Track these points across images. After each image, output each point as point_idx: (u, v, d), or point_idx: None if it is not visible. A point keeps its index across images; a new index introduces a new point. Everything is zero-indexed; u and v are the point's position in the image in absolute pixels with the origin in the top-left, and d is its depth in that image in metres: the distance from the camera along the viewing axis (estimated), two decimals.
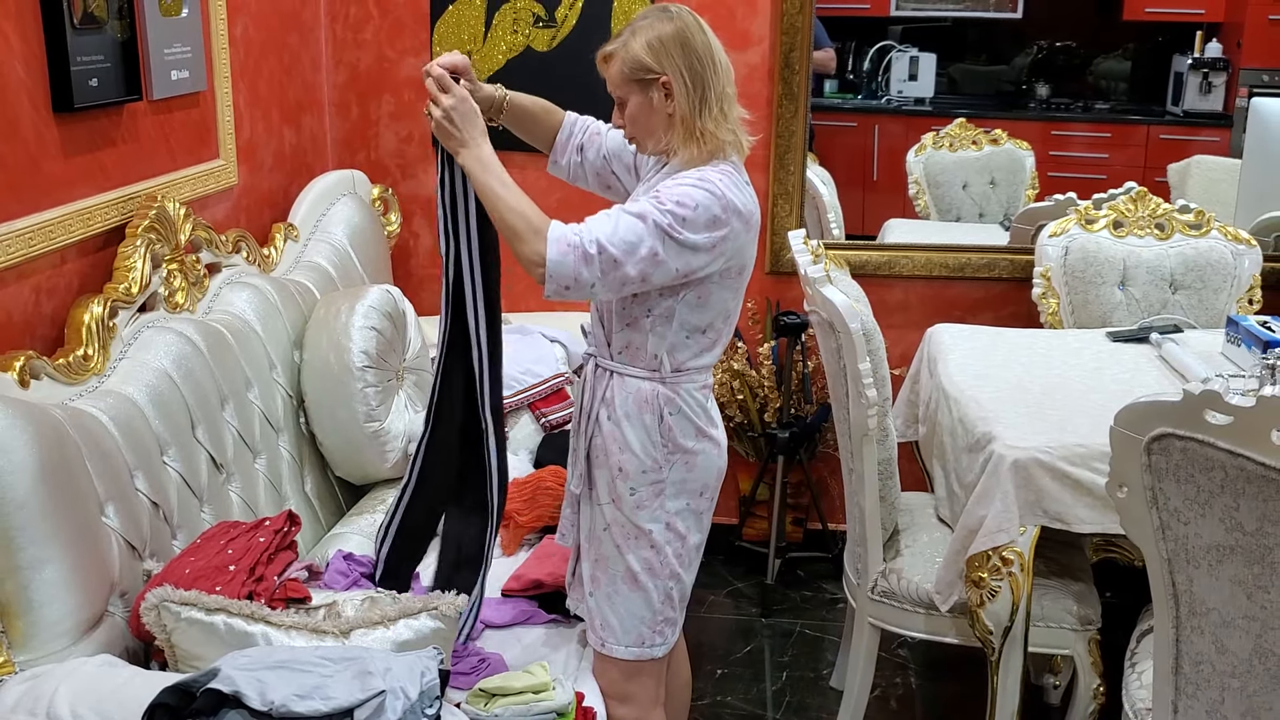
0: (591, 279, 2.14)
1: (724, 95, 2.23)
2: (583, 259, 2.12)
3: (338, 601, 2.18)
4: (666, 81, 2.21)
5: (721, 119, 2.22)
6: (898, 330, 3.87)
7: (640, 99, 2.24)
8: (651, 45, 2.21)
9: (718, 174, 2.20)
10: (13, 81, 2.31)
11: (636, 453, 2.34)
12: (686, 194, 2.15)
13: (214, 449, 2.62)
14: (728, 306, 2.33)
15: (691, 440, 2.35)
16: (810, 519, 4.15)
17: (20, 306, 2.37)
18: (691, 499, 2.38)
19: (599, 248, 2.12)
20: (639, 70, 2.22)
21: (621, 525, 2.36)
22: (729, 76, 2.26)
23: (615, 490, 2.36)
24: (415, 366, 3.22)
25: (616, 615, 2.39)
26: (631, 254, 2.13)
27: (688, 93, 2.20)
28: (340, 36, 3.93)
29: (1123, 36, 4.65)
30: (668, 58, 2.20)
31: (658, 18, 2.24)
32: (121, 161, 2.69)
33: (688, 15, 2.25)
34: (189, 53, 2.93)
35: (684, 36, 2.21)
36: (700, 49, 2.22)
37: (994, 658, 2.72)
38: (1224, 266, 3.56)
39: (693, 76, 2.20)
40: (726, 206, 2.18)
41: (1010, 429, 2.67)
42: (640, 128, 2.27)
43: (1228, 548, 1.90)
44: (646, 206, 2.15)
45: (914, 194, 4.46)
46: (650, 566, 2.37)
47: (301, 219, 3.44)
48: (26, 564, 2.01)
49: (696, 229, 2.15)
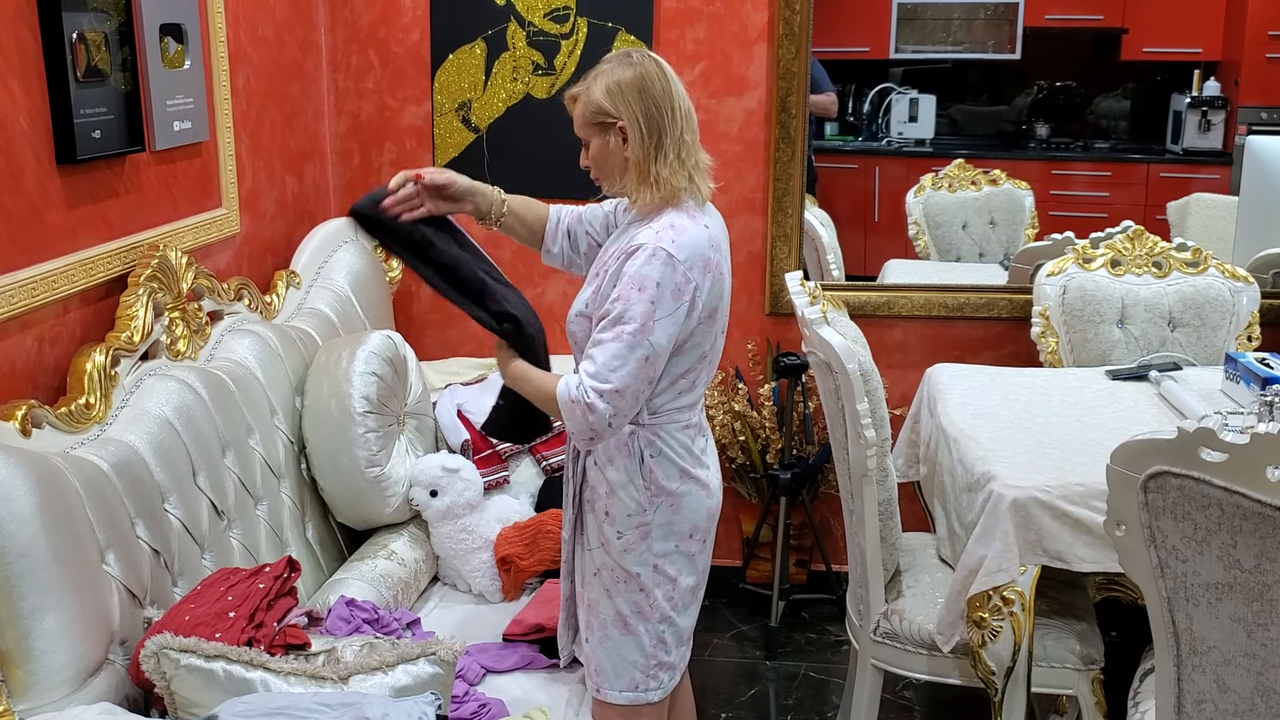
0: (606, 418, 2.22)
1: (681, 142, 2.28)
2: (586, 411, 2.21)
3: (337, 647, 2.18)
4: (623, 126, 2.27)
5: (677, 165, 2.28)
6: (898, 370, 3.88)
7: (600, 141, 2.31)
8: (610, 90, 2.27)
9: (671, 232, 2.24)
10: (17, 134, 2.34)
11: (620, 496, 2.35)
12: (644, 281, 2.20)
13: (215, 496, 2.63)
14: (704, 349, 2.35)
15: (675, 482, 2.36)
16: (814, 560, 4.14)
17: (23, 356, 2.39)
18: (680, 540, 2.38)
19: (597, 392, 2.20)
20: (598, 114, 2.29)
21: (610, 569, 2.37)
22: (690, 123, 2.30)
23: (603, 534, 2.37)
24: (416, 412, 3.23)
25: (609, 660, 2.39)
26: (626, 373, 2.20)
27: (643, 139, 2.26)
28: (342, 86, 3.97)
29: (1122, 76, 4.68)
30: (624, 103, 2.26)
31: (620, 63, 2.30)
32: (124, 211, 2.72)
33: (649, 62, 2.30)
34: (191, 104, 2.96)
35: (642, 83, 2.27)
36: (658, 95, 2.27)
37: (997, 698, 2.70)
38: (1222, 304, 3.57)
39: (648, 123, 2.26)
40: (687, 268, 2.22)
41: (1009, 468, 2.67)
42: (600, 169, 2.35)
43: (1226, 585, 1.89)
44: (619, 324, 2.21)
45: (914, 234, 4.48)
46: (640, 610, 2.37)
47: (303, 266, 3.46)
48: (27, 612, 2.01)
49: (666, 308, 2.21)
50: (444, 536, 3.07)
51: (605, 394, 2.20)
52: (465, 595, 3.10)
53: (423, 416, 3.27)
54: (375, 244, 2.67)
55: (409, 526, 3.14)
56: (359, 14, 3.92)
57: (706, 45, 3.84)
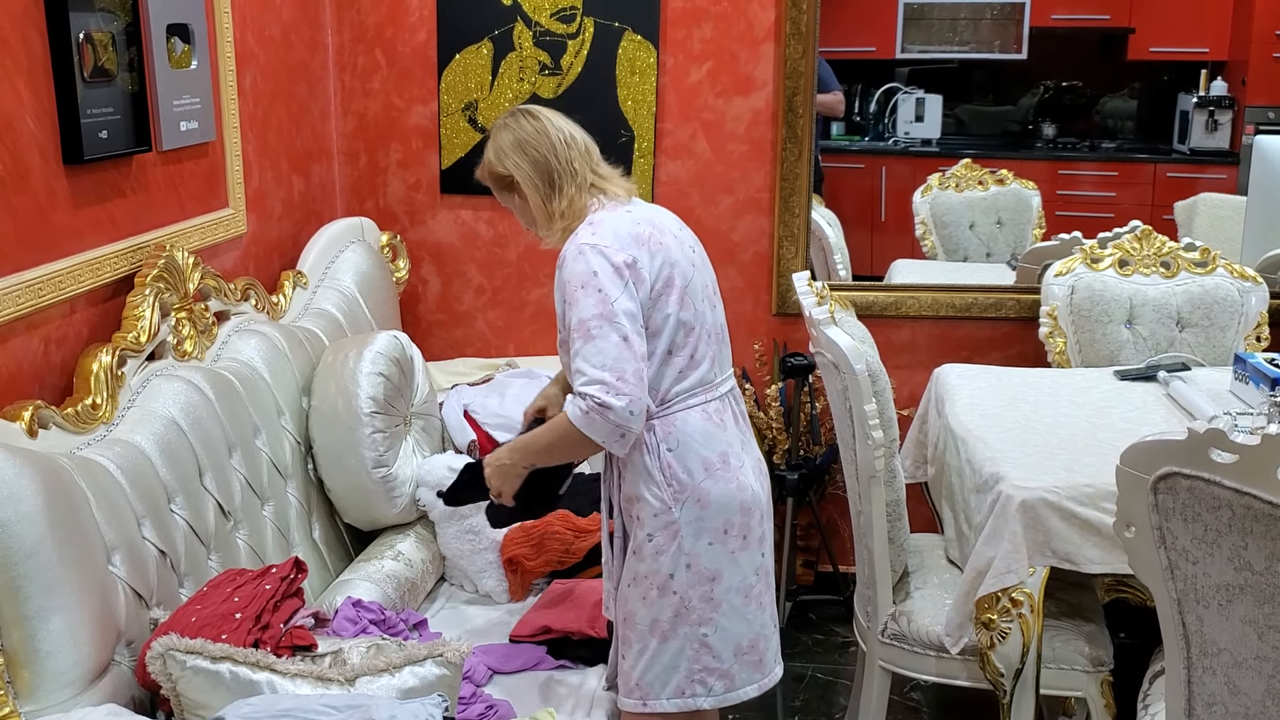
0: (625, 408, 2.25)
1: (570, 171, 2.44)
2: (603, 412, 2.24)
3: (343, 649, 2.18)
4: (517, 182, 2.46)
5: (575, 194, 2.43)
6: (905, 371, 3.87)
7: (514, 200, 2.51)
8: (499, 154, 2.47)
9: (588, 228, 2.36)
10: (23, 134, 2.34)
11: (646, 497, 2.36)
12: (582, 279, 2.29)
13: (222, 496, 2.62)
14: (677, 319, 2.37)
15: (699, 475, 2.36)
16: (821, 561, 4.13)
17: (30, 356, 2.39)
18: (713, 537, 2.37)
19: (602, 391, 2.24)
20: (499, 180, 2.50)
21: (646, 576, 2.38)
22: (574, 148, 2.46)
23: (636, 539, 2.38)
24: (423, 412, 3.23)
25: (653, 670, 2.39)
26: (613, 359, 2.25)
27: (536, 187, 2.44)
28: (349, 86, 3.97)
29: (1128, 76, 4.67)
30: (511, 162, 2.45)
31: (499, 129, 2.49)
32: (131, 212, 2.72)
33: (520, 115, 2.49)
34: (198, 104, 2.96)
35: (518, 138, 2.45)
36: (533, 141, 2.44)
37: (1005, 700, 2.69)
38: (1231, 304, 3.56)
39: (535, 169, 2.44)
40: (616, 248, 2.31)
41: (1018, 469, 2.66)
42: (529, 224, 2.53)
43: (1237, 587, 1.88)
44: (582, 325, 2.28)
45: (920, 234, 4.47)
46: (677, 614, 2.37)
47: (310, 266, 3.46)
48: (33, 613, 2.01)
49: (615, 288, 2.28)
50: (451, 537, 3.07)
51: (609, 387, 2.23)
52: (472, 596, 3.09)
53: (429, 417, 3.26)
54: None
55: (416, 527, 3.14)
56: (366, 14, 3.92)
57: (714, 45, 3.84)
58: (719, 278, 3.93)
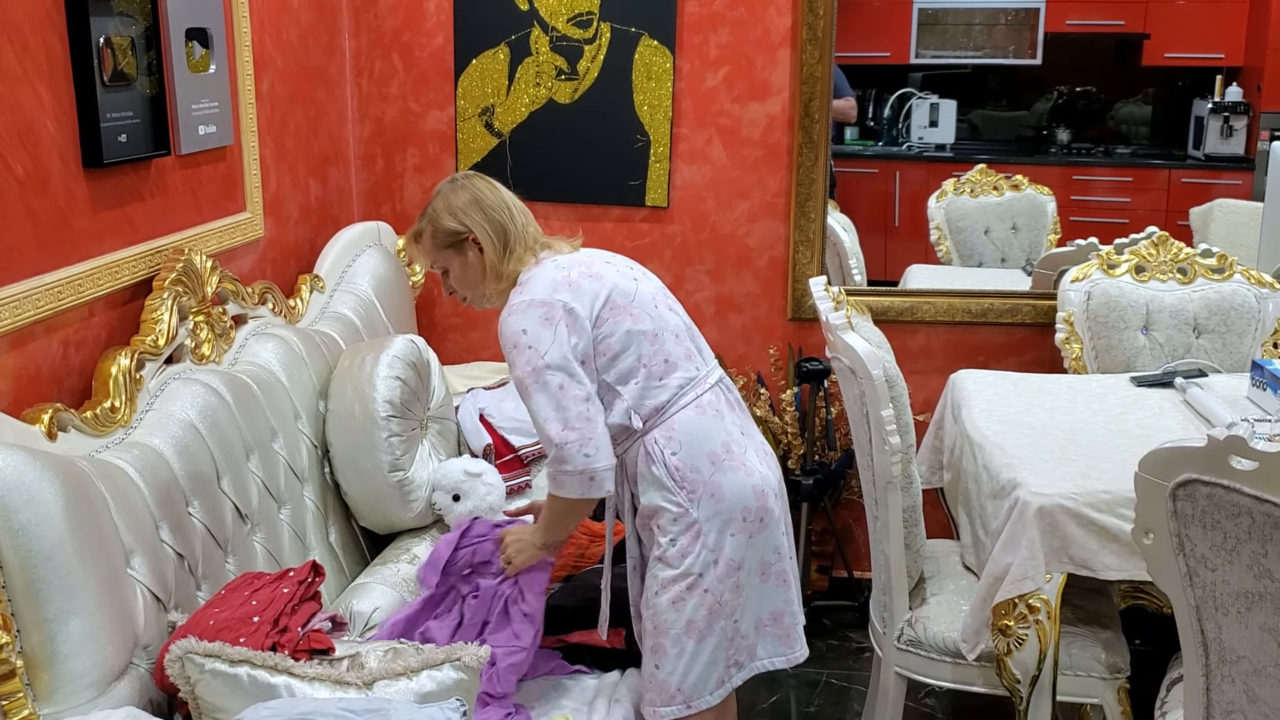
0: (578, 454, 2.33)
1: (524, 235, 2.50)
2: (563, 466, 2.34)
3: (361, 653, 2.18)
4: (475, 238, 2.47)
5: (525, 254, 2.49)
6: (921, 376, 3.87)
7: (459, 260, 2.52)
8: (453, 211, 2.50)
9: (517, 290, 2.43)
10: (44, 138, 2.35)
11: (662, 506, 2.41)
12: (514, 339, 2.37)
13: (239, 500, 2.63)
14: (635, 331, 2.42)
15: (708, 472, 2.40)
16: (835, 567, 4.12)
17: (49, 359, 2.40)
18: (734, 528, 2.42)
19: (557, 448, 2.33)
20: (450, 236, 2.50)
21: (673, 580, 2.41)
22: (527, 216, 2.54)
23: (660, 549, 2.43)
24: (439, 416, 3.23)
25: (694, 671, 2.43)
26: (554, 410, 2.33)
27: (493, 243, 2.48)
28: (366, 91, 3.98)
29: (1143, 81, 4.66)
30: (469, 217, 2.48)
31: (449, 190, 2.53)
32: (149, 215, 2.73)
33: (475, 178, 2.55)
34: (216, 108, 2.97)
35: (476, 196, 2.51)
36: (494, 203, 2.50)
37: (1022, 707, 2.68)
38: (1248, 310, 3.54)
39: (494, 228, 2.48)
40: (541, 299, 2.38)
41: (1035, 475, 2.66)
42: (466, 286, 2.55)
43: (1256, 595, 1.88)
44: (520, 385, 2.38)
45: (935, 240, 4.47)
46: (711, 610, 2.41)
47: (327, 270, 3.47)
48: (53, 616, 2.02)
49: (544, 340, 2.35)
50: None
51: (560, 443, 2.33)
52: None
53: (445, 420, 3.27)
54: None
55: (431, 531, 3.14)
56: (383, 19, 3.93)
57: (730, 50, 3.84)
58: (734, 282, 3.96)
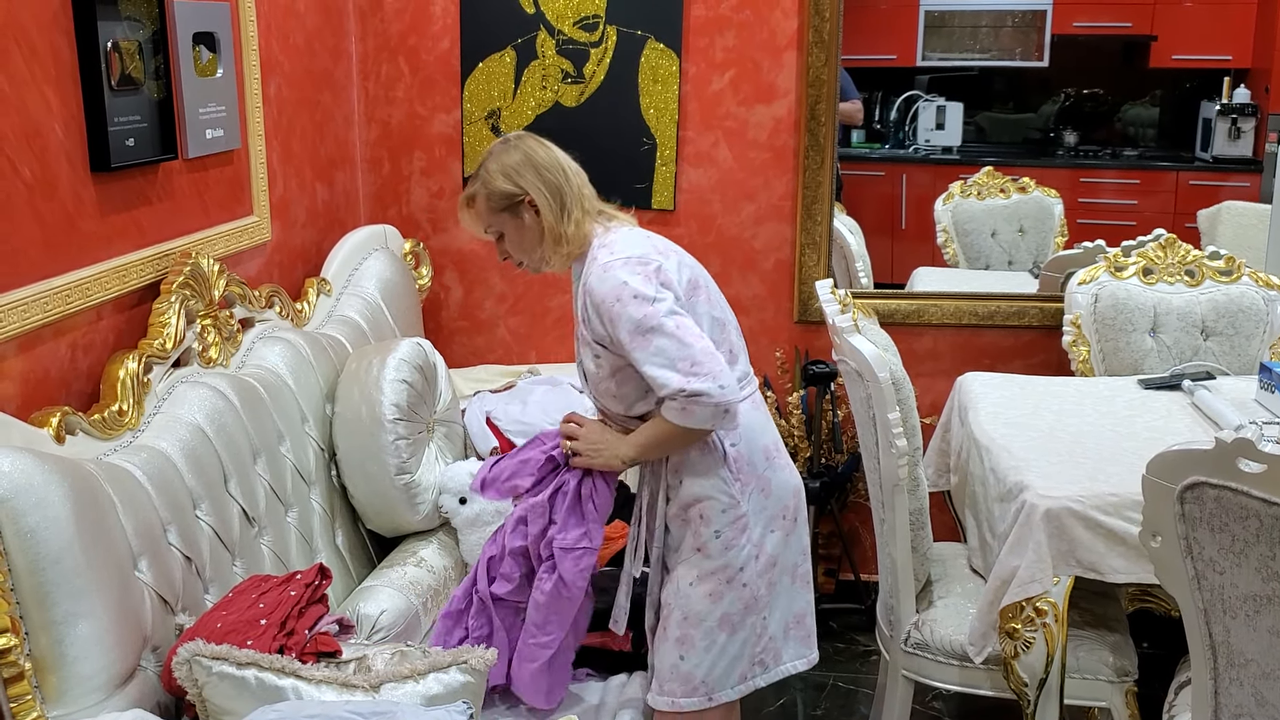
0: (715, 388, 2.26)
1: (581, 196, 2.46)
2: (696, 400, 2.27)
3: (368, 655, 2.18)
4: (530, 200, 2.41)
5: (582, 216, 2.44)
6: (928, 379, 3.86)
7: (514, 223, 2.46)
8: (507, 173, 2.44)
9: (604, 251, 2.38)
10: (52, 142, 2.36)
11: (713, 494, 2.40)
12: (616, 292, 2.30)
13: (246, 502, 2.64)
14: (711, 316, 2.43)
15: (761, 465, 2.43)
16: (842, 570, 4.12)
17: (57, 362, 2.41)
18: (775, 524, 2.45)
19: (686, 381, 2.25)
20: (504, 198, 2.44)
21: (713, 573, 2.41)
22: (582, 178, 2.49)
23: (699, 540, 2.42)
24: (446, 419, 3.23)
25: (720, 663, 2.44)
26: (680, 346, 2.27)
27: (549, 204, 2.43)
28: (372, 94, 3.99)
29: (1150, 83, 4.65)
30: (523, 178, 2.43)
31: (502, 150, 2.48)
32: (157, 219, 2.74)
33: (528, 139, 2.49)
34: (223, 112, 2.98)
35: (530, 158, 2.45)
36: (547, 163, 2.44)
37: (1029, 710, 2.68)
38: (1256, 312, 3.54)
39: (550, 189, 2.43)
40: (638, 261, 2.34)
41: (1042, 478, 2.65)
42: (522, 250, 2.49)
43: (1265, 597, 1.87)
44: (634, 337, 2.30)
45: (942, 242, 4.46)
46: (746, 605, 2.43)
47: (334, 273, 3.48)
48: (61, 618, 2.02)
49: (651, 289, 2.30)
50: (473, 544, 3.07)
51: (696, 374, 2.26)
52: None
53: (452, 424, 3.27)
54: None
55: (438, 534, 3.14)
56: (389, 22, 3.93)
57: (736, 53, 3.84)
58: (740, 285, 3.96)
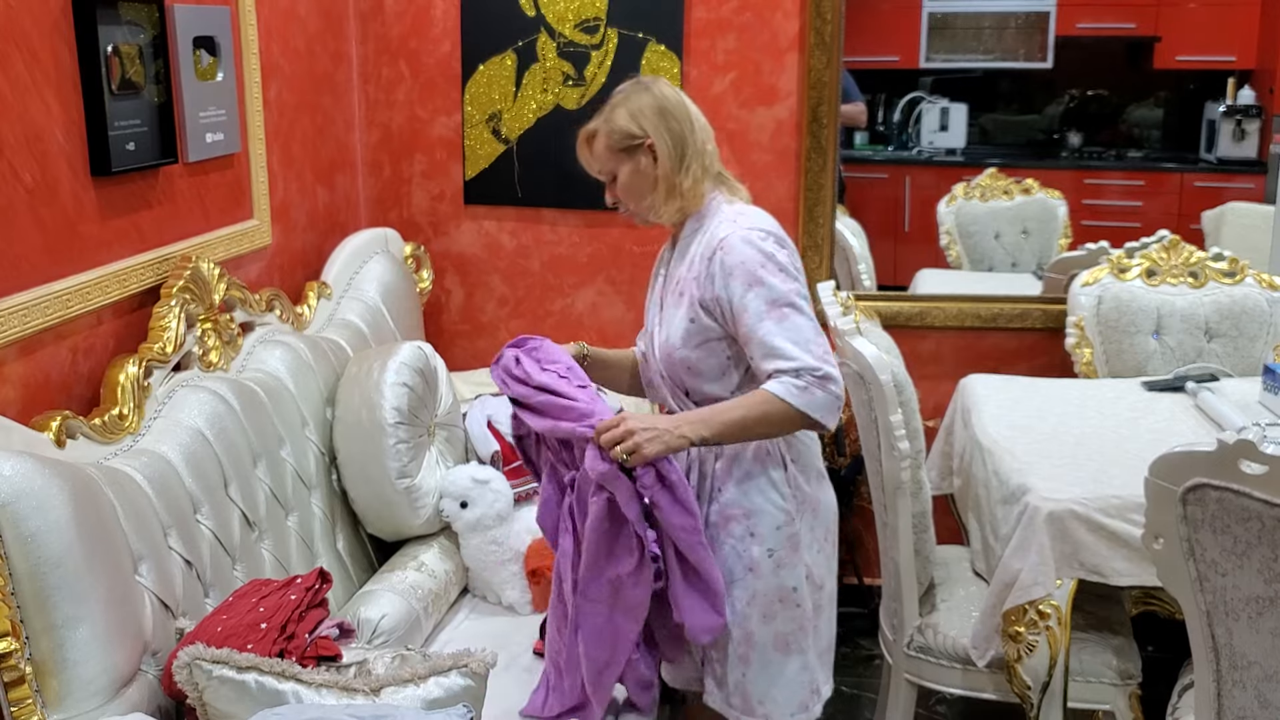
0: (838, 377, 2.24)
1: (703, 151, 2.38)
2: (825, 384, 2.22)
3: (368, 659, 2.18)
4: (651, 144, 2.35)
5: (701, 174, 2.36)
6: (931, 381, 3.85)
7: (630, 166, 2.39)
8: (633, 114, 2.37)
9: (743, 218, 2.33)
10: (52, 146, 2.36)
11: (768, 510, 2.36)
12: (759, 260, 2.27)
13: (246, 507, 2.63)
14: None
15: (813, 485, 2.41)
16: (845, 574, 4.11)
17: (57, 367, 2.41)
18: (821, 545, 2.43)
19: (816, 361, 2.22)
20: (625, 138, 2.37)
21: (765, 593, 2.37)
22: (708, 134, 2.41)
23: (750, 558, 2.37)
24: (447, 422, 3.23)
25: (776, 685, 2.39)
26: (811, 337, 2.25)
27: (669, 152, 2.35)
28: (373, 97, 3.99)
29: (1154, 84, 4.64)
30: (649, 122, 2.36)
31: (634, 90, 2.40)
32: (157, 223, 2.74)
33: (662, 83, 2.42)
34: (224, 116, 2.98)
35: (660, 103, 2.37)
36: (676, 111, 2.37)
37: (1033, 713, 2.67)
38: (1260, 314, 3.53)
39: (673, 138, 2.36)
40: (775, 242, 2.32)
41: (1045, 480, 2.65)
42: (631, 194, 2.41)
43: (1267, 600, 1.87)
44: (773, 307, 2.25)
45: (945, 244, 4.45)
46: (800, 625, 2.39)
47: (334, 277, 3.48)
48: (61, 622, 2.02)
49: (792, 269, 2.30)
50: (474, 548, 3.07)
51: (828, 361, 2.24)
52: (495, 607, 3.09)
53: (453, 427, 3.27)
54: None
55: (439, 538, 3.14)
56: (390, 25, 3.93)
57: (737, 55, 3.84)
58: None
